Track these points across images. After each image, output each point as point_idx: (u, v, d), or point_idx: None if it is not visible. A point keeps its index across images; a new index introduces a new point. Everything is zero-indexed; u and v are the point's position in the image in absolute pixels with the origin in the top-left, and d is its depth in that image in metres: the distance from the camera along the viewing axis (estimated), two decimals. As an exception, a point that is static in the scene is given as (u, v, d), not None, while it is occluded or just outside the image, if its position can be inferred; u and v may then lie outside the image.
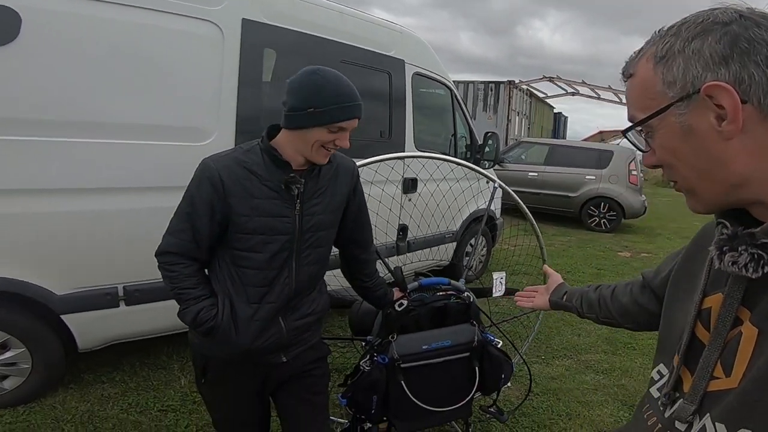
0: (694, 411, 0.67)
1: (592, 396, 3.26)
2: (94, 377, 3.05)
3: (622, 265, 6.97)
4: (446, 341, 2.25)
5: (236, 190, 1.52)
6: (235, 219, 1.54)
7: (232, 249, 1.58)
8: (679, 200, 15.14)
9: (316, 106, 1.47)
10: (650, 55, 0.66)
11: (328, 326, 4.03)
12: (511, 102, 15.83)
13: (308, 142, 1.52)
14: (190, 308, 1.56)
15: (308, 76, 1.49)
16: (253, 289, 1.60)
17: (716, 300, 0.69)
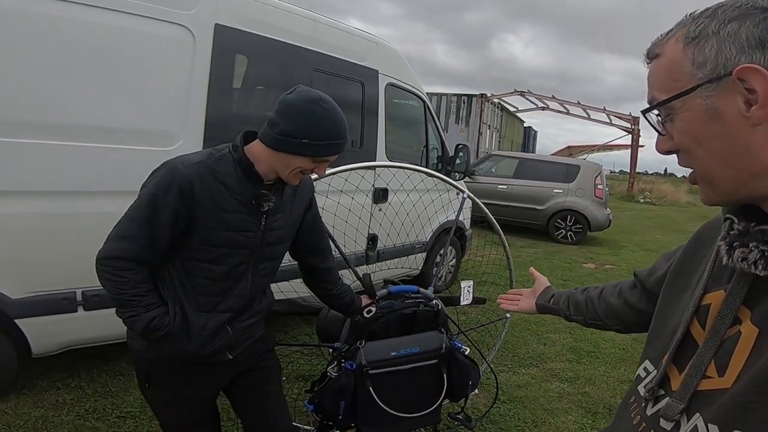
0: (682, 410, 0.66)
1: (557, 404, 3.32)
2: (49, 383, 2.97)
3: (587, 276, 7.12)
4: (415, 348, 2.27)
5: (206, 201, 1.47)
6: (200, 230, 1.49)
7: (190, 259, 1.53)
8: (642, 214, 15.65)
9: (311, 138, 1.45)
10: (680, 36, 0.64)
11: (296, 333, 4.01)
12: (483, 115, 16.07)
13: (288, 167, 1.50)
14: (141, 316, 1.49)
15: (310, 104, 1.45)
16: (206, 299, 1.57)
17: (717, 297, 0.68)
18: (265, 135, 1.50)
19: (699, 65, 0.61)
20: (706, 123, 0.61)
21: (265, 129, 1.50)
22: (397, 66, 4.52)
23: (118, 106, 2.57)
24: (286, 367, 3.39)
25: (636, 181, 24.99)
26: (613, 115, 21.75)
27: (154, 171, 1.50)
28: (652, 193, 24.10)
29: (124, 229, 1.47)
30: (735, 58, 0.58)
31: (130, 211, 1.48)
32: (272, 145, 1.48)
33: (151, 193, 1.45)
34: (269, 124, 1.48)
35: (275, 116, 1.47)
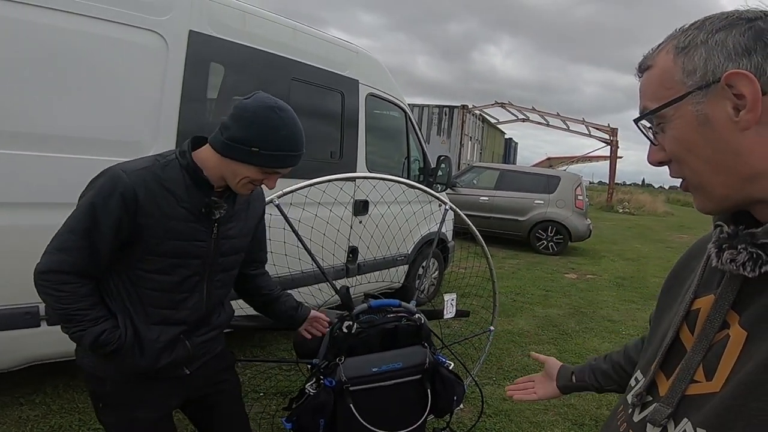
0: (669, 414, 0.65)
1: (543, 416, 3.27)
2: (12, 399, 2.85)
3: (568, 286, 7.13)
4: (397, 363, 2.21)
5: (151, 210, 1.39)
6: (146, 240, 1.41)
7: (136, 269, 1.45)
8: (621, 224, 15.85)
9: (262, 148, 1.39)
10: (671, 47, 0.66)
11: (273, 348, 3.90)
12: (464, 126, 16.17)
13: (237, 176, 1.44)
14: (88, 330, 1.40)
15: (265, 110, 1.39)
16: (155, 311, 1.49)
17: (706, 301, 0.68)
18: (215, 139, 1.44)
19: (689, 73, 0.63)
20: (697, 129, 0.63)
21: (216, 133, 1.43)
22: (378, 76, 4.48)
23: (86, 114, 2.47)
24: (264, 382, 3.31)
25: (615, 191, 25.32)
26: (591, 126, 22.06)
27: (93, 179, 1.42)
28: (630, 204, 24.45)
29: (62, 241, 1.39)
30: (723, 65, 0.60)
31: (69, 221, 1.39)
32: (220, 150, 1.42)
33: (90, 203, 1.37)
34: (221, 129, 1.42)
35: (228, 120, 1.41)
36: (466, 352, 3.78)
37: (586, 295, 6.68)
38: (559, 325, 5.26)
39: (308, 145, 4.11)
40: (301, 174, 3.45)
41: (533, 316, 5.50)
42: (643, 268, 8.90)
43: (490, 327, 3.14)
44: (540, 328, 5.11)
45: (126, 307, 1.47)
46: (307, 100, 3.72)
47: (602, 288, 7.19)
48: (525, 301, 6.08)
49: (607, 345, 4.74)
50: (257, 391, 3.24)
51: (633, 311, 6.04)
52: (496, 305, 3.14)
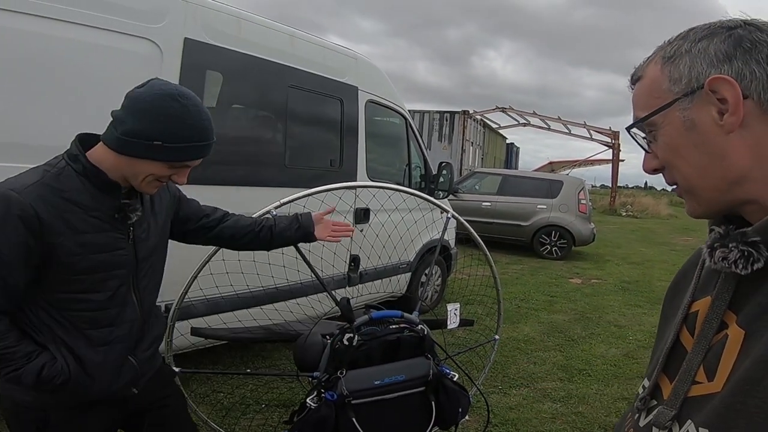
0: (673, 416, 0.65)
1: (551, 425, 3.20)
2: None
3: (573, 291, 7.06)
4: (400, 376, 2.15)
5: (58, 227, 1.25)
6: (63, 260, 1.27)
7: (58, 293, 1.32)
8: (625, 227, 15.72)
9: (165, 141, 1.26)
10: (658, 58, 0.70)
11: (275, 359, 3.84)
12: (466, 132, 16.15)
13: (140, 174, 1.31)
14: (25, 368, 1.27)
15: (164, 99, 1.26)
16: (95, 332, 1.38)
17: (704, 303, 0.69)
18: (108, 136, 1.29)
19: (675, 81, 0.66)
20: (684, 134, 0.66)
21: (109, 128, 1.29)
22: (378, 82, 4.44)
23: (81, 124, 2.41)
24: (266, 394, 3.25)
25: (617, 194, 25.23)
26: (593, 130, 22.01)
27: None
28: (633, 207, 24.35)
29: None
30: (706, 71, 0.64)
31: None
32: (116, 147, 1.27)
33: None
34: (114, 123, 1.28)
35: (121, 112, 1.27)
36: (471, 361, 3.72)
37: (592, 300, 6.60)
38: (565, 331, 5.18)
39: (308, 153, 4.09)
40: (301, 183, 3.43)
41: (538, 323, 5.43)
42: (649, 272, 8.82)
43: (495, 336, 3.07)
44: (545, 334, 5.04)
45: (57, 336, 1.34)
46: (305, 108, 3.69)
47: (608, 293, 7.11)
48: (530, 308, 6.01)
49: (614, 351, 4.66)
50: (259, 402, 3.18)
51: (639, 316, 5.96)
52: (500, 314, 3.07)
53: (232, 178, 3.14)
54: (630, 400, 3.57)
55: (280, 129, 3.53)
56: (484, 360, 3.55)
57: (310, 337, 2.22)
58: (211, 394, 3.18)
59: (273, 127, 3.59)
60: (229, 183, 3.10)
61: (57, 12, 2.29)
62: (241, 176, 3.21)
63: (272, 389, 3.31)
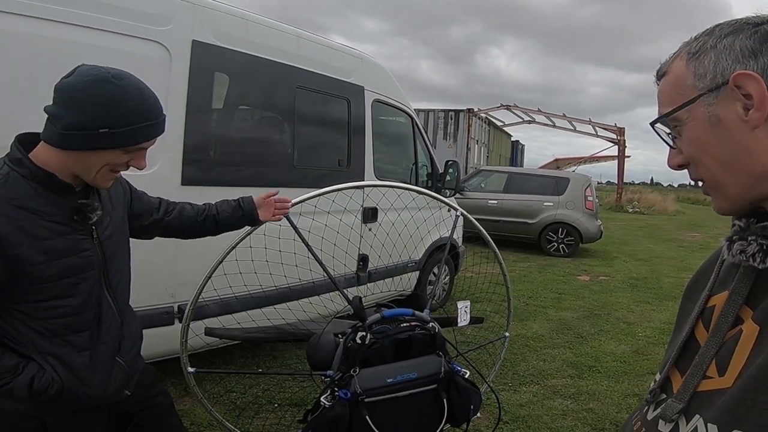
0: (680, 410, 0.65)
1: (561, 422, 3.20)
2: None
3: (581, 288, 7.04)
4: (412, 373, 2.16)
5: (15, 237, 1.18)
6: (28, 270, 1.21)
7: (29, 303, 1.26)
8: (632, 224, 15.62)
9: (112, 126, 1.19)
10: (684, 53, 0.69)
11: (286, 358, 3.86)
12: (471, 130, 16.10)
13: (93, 166, 1.24)
14: (15, 382, 1.23)
15: (99, 85, 1.19)
16: (77, 337, 1.34)
17: (721, 298, 0.69)
18: (48, 134, 1.21)
19: (700, 77, 0.66)
20: (709, 130, 0.65)
21: (47, 126, 1.22)
22: (384, 81, 4.45)
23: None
24: (279, 393, 3.26)
25: (624, 191, 25.12)
26: (598, 127, 21.91)
27: None
28: (640, 203, 24.21)
29: None
30: (731, 67, 0.63)
31: None
32: (59, 144, 1.20)
33: None
34: (50, 119, 1.21)
35: (55, 108, 1.20)
36: (481, 359, 3.72)
37: (600, 297, 6.59)
38: (574, 328, 5.18)
39: (315, 153, 4.09)
40: (309, 183, 3.45)
41: (547, 320, 5.43)
42: (657, 269, 8.78)
43: (505, 333, 3.07)
44: (554, 331, 5.04)
45: (41, 346, 1.30)
46: (312, 108, 3.71)
47: (616, 289, 7.09)
48: (538, 305, 6.00)
49: (623, 348, 4.65)
50: (272, 402, 3.20)
51: (648, 312, 5.95)
52: (510, 311, 3.07)
53: (240, 179, 3.15)
54: (641, 397, 3.55)
55: (288, 129, 3.55)
56: (494, 357, 3.55)
57: (323, 336, 2.23)
58: (225, 394, 3.21)
59: (281, 128, 3.61)
60: (236, 184, 3.11)
61: (65, 16, 2.31)
62: (250, 177, 3.22)
63: (285, 389, 3.32)
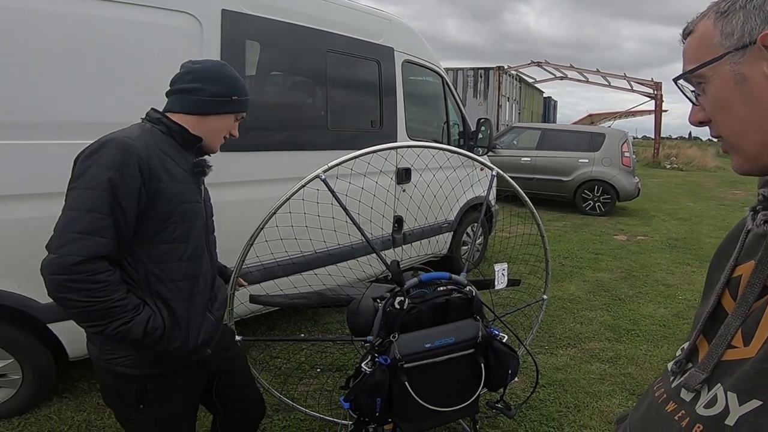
0: (703, 379, 0.65)
1: (599, 386, 3.19)
2: (89, 385, 2.93)
3: (618, 248, 6.91)
4: (449, 338, 2.17)
5: (161, 174, 1.38)
6: (160, 208, 1.38)
7: (154, 244, 1.41)
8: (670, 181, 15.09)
9: (238, 95, 1.55)
10: (712, 12, 0.69)
11: (326, 322, 3.94)
12: (501, 88, 15.73)
13: (220, 129, 1.55)
14: (134, 321, 1.33)
15: (221, 67, 1.56)
16: (184, 284, 1.47)
17: (748, 268, 0.68)
18: (186, 104, 1.50)
19: (727, 36, 0.66)
20: (734, 89, 0.65)
21: (183, 98, 1.50)
22: (413, 42, 4.38)
23: (126, 101, 2.47)
24: (319, 357, 3.34)
25: (661, 146, 24.31)
26: (634, 81, 21.13)
27: (92, 151, 1.33)
28: (678, 159, 23.43)
29: (87, 222, 1.27)
30: (760, 27, 0.63)
31: (83, 201, 1.28)
32: (201, 109, 1.50)
33: (107, 177, 1.28)
34: (188, 93, 1.49)
35: (194, 84, 1.49)
36: (517, 321, 3.73)
37: (638, 257, 6.45)
38: (612, 290, 5.10)
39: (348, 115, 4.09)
40: (343, 145, 3.44)
41: (584, 281, 5.37)
42: (697, 228, 8.51)
43: (543, 296, 3.05)
44: (591, 293, 4.98)
45: (154, 290, 1.42)
46: (344, 71, 3.68)
47: (654, 250, 6.92)
48: (574, 266, 5.93)
49: (662, 311, 4.57)
50: (315, 367, 3.28)
51: (688, 274, 5.80)
52: (548, 273, 3.04)
53: (275, 143, 3.17)
54: (681, 362, 3.51)
55: (321, 93, 3.54)
56: (531, 320, 3.55)
57: (362, 301, 2.25)
58: (270, 360, 3.29)
59: (314, 92, 3.59)
60: (273, 148, 3.14)
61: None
62: (285, 141, 3.24)
63: (327, 354, 3.39)
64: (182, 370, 1.55)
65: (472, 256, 5.22)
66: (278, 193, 2.31)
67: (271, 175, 3.11)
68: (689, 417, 0.65)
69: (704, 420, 0.62)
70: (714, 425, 0.61)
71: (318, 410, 2.71)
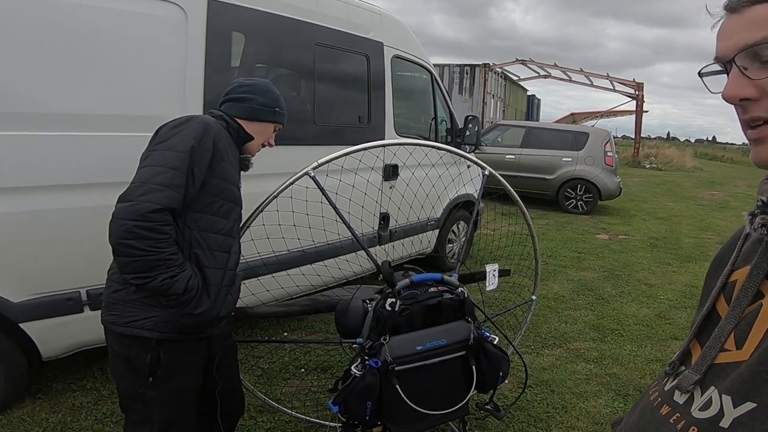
0: (696, 381, 0.65)
1: (585, 386, 3.19)
2: (64, 386, 2.84)
3: (601, 247, 6.97)
4: (441, 340, 2.14)
5: (223, 154, 1.62)
6: (216, 182, 1.59)
7: (206, 213, 1.59)
8: (649, 180, 15.28)
9: (280, 108, 1.84)
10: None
11: (308, 322, 3.86)
12: (487, 85, 15.77)
13: (262, 137, 1.84)
14: (179, 276, 1.45)
15: (267, 84, 1.85)
16: (220, 254, 1.64)
17: (743, 273, 0.68)
18: (239, 110, 1.77)
19: None
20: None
21: (239, 105, 1.77)
22: (403, 37, 4.32)
23: (110, 92, 2.38)
24: (304, 357, 3.28)
25: (641, 146, 24.63)
26: (616, 81, 21.35)
27: (178, 124, 1.56)
28: (657, 158, 23.76)
29: (169, 177, 1.44)
30: None
31: (168, 160, 1.47)
32: (254, 116, 1.78)
33: (191, 145, 1.50)
34: (242, 101, 1.77)
35: (248, 95, 1.77)
36: (504, 321, 3.70)
37: (620, 256, 6.51)
38: (595, 289, 5.13)
39: (336, 110, 4.02)
40: (330, 140, 3.38)
41: (567, 280, 5.39)
42: (676, 228, 8.65)
43: (532, 296, 3.04)
44: (575, 292, 5.00)
45: (194, 253, 1.57)
46: (332, 65, 3.61)
47: (636, 249, 7.00)
48: (558, 264, 5.95)
49: (645, 311, 4.61)
50: (298, 366, 3.21)
51: (669, 274, 5.87)
52: (538, 273, 3.02)
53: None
54: (664, 362, 3.52)
55: (308, 87, 3.46)
56: (517, 319, 3.53)
57: (352, 302, 2.20)
58: (252, 360, 3.21)
59: (301, 86, 3.52)
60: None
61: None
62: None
63: (311, 353, 3.33)
64: (195, 341, 1.65)
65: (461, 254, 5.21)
66: (264, 188, 2.24)
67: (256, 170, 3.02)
68: (684, 420, 0.64)
69: (699, 422, 0.62)
70: (709, 427, 0.60)
71: (304, 412, 2.65)
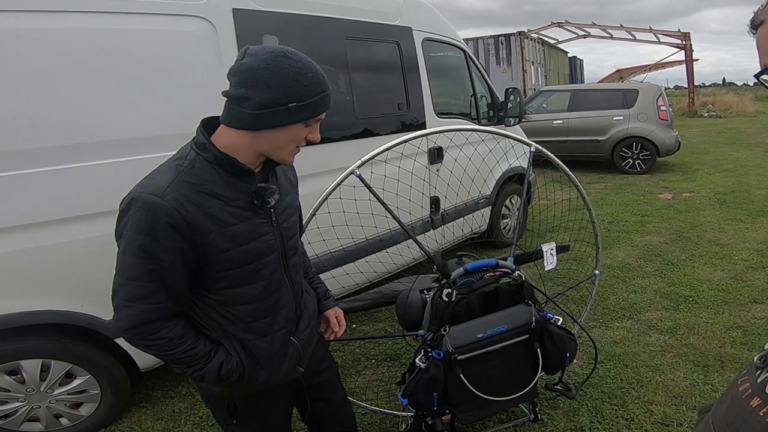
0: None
1: (661, 359, 3.05)
2: (162, 393, 2.99)
3: (665, 208, 6.63)
4: (502, 326, 2.10)
5: (204, 225, 1.22)
6: (214, 258, 1.27)
7: (218, 290, 1.34)
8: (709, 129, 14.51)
9: (299, 99, 1.21)
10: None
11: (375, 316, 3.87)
12: (524, 52, 15.34)
13: (283, 143, 1.27)
14: (206, 368, 1.33)
15: (280, 60, 1.19)
16: (258, 323, 1.39)
17: None
18: (233, 118, 1.22)
19: None
20: None
21: (232, 109, 1.22)
22: (430, 19, 4.27)
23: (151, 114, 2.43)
24: (374, 348, 3.30)
25: (696, 95, 23.30)
26: (660, 34, 20.25)
27: (121, 211, 1.22)
28: (715, 106, 22.46)
29: (129, 291, 1.22)
30: None
31: (124, 268, 1.22)
32: (251, 125, 1.21)
33: (138, 245, 1.19)
34: (235, 102, 1.21)
35: (240, 90, 1.19)
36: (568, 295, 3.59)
37: (687, 216, 6.16)
38: (663, 254, 4.87)
39: (374, 100, 4.00)
40: (373, 131, 3.37)
41: (632, 246, 5.16)
42: (745, 179, 8.12)
43: (595, 271, 2.92)
44: (642, 259, 4.77)
45: (227, 332, 1.39)
46: (365, 57, 3.59)
47: (703, 207, 6.59)
48: (620, 230, 5.71)
49: (719, 274, 4.33)
50: (369, 358, 3.25)
51: (742, 232, 5.47)
52: (599, 246, 2.90)
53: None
54: (745, 329, 3.34)
55: (345, 81, 3.46)
56: (582, 293, 3.42)
57: (410, 296, 2.19)
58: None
59: (337, 81, 3.51)
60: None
61: (102, 5, 2.27)
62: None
63: (379, 344, 3.36)
64: (269, 391, 1.54)
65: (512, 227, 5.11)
66: (310, 189, 2.25)
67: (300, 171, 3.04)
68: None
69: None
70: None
71: (378, 403, 2.67)
